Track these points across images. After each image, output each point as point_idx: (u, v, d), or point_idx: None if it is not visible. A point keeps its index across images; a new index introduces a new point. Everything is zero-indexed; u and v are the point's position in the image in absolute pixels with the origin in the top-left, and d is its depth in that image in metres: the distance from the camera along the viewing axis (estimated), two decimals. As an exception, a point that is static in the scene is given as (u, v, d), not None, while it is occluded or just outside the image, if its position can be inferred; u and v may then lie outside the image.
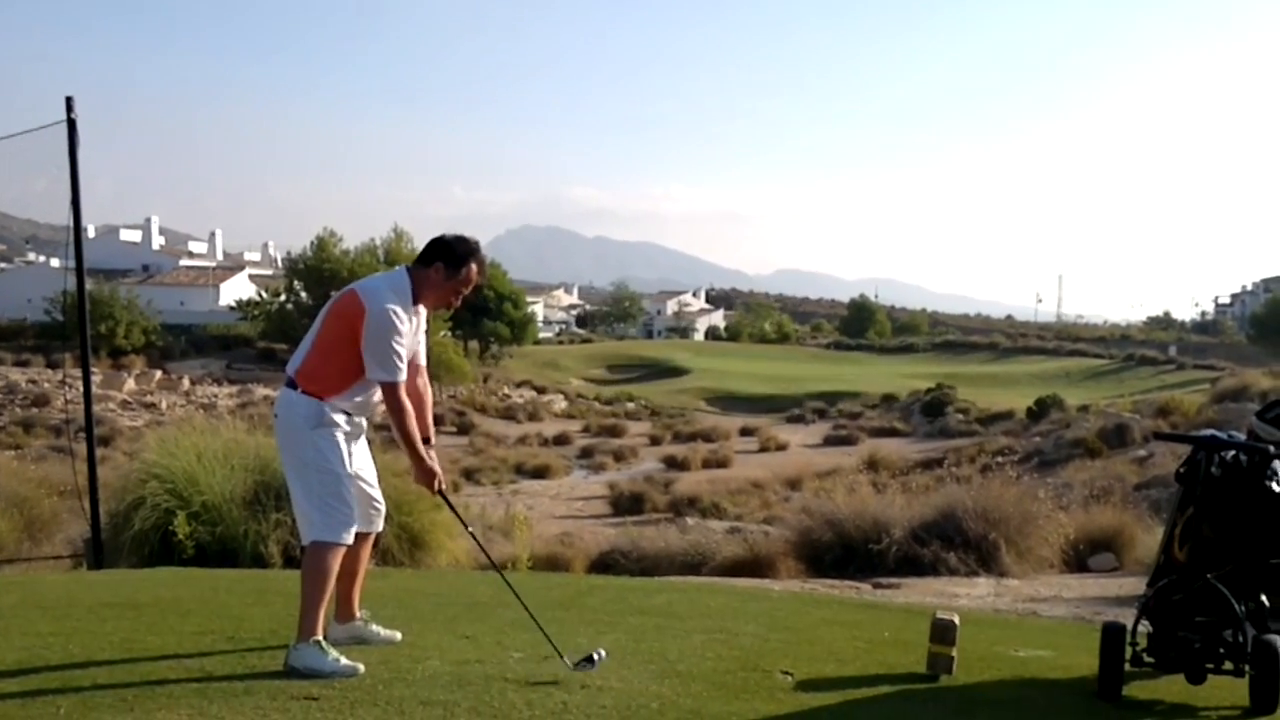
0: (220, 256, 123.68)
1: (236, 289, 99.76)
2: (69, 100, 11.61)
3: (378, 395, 5.71)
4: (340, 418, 5.69)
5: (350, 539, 5.68)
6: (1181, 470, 5.61)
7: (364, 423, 5.89)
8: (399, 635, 6.13)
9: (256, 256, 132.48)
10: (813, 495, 17.85)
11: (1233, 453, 5.47)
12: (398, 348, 5.58)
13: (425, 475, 5.83)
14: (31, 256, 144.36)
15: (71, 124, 11.58)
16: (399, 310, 5.59)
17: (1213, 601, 5.33)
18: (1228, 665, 5.33)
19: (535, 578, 10.56)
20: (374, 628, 6.06)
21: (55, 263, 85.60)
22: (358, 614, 6.06)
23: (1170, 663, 5.42)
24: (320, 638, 5.53)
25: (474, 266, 5.81)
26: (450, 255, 5.79)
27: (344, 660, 5.48)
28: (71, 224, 11.72)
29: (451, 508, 6.39)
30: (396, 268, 5.89)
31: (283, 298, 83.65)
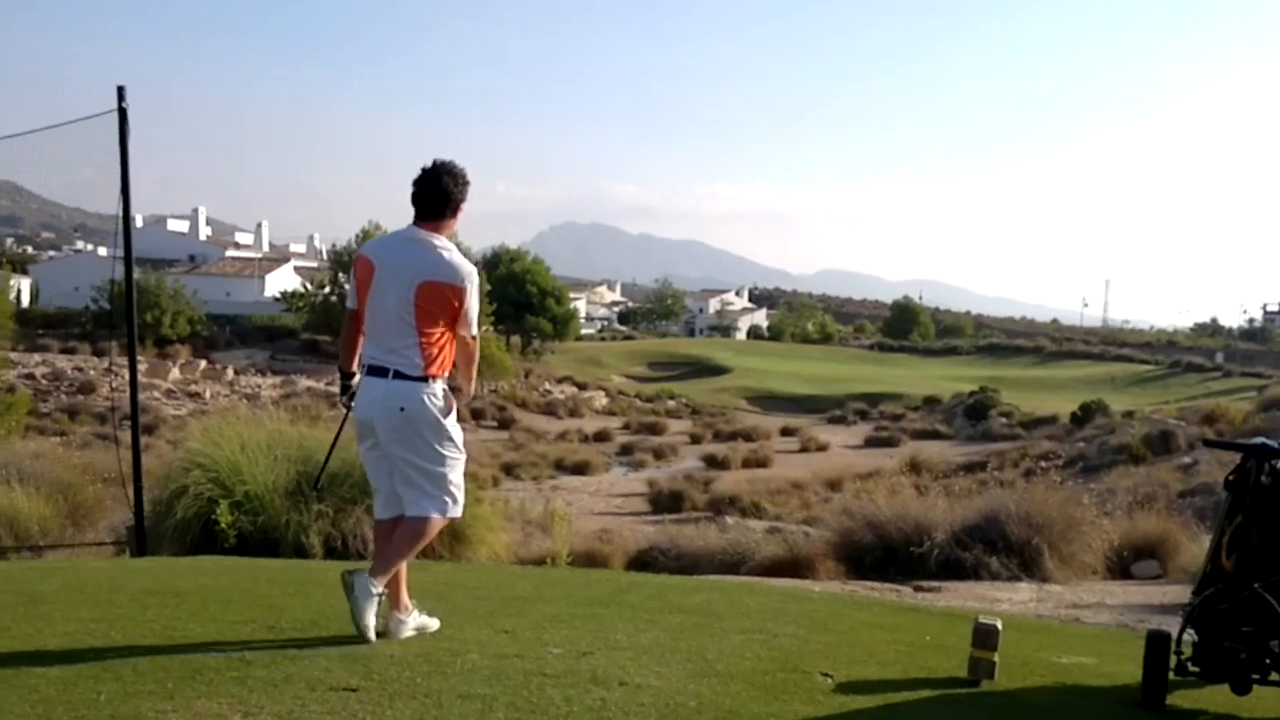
0: (266, 248, 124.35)
1: (281, 280, 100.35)
2: (120, 89, 11.68)
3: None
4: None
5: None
6: (1231, 478, 5.55)
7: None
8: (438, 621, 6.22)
9: (302, 248, 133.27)
10: (853, 496, 17.80)
11: (1284, 462, 5.41)
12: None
13: None
14: (80, 245, 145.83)
15: (123, 113, 11.65)
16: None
17: (1260, 611, 5.26)
18: (1274, 676, 5.26)
19: (574, 573, 10.57)
20: (423, 616, 6.14)
21: (103, 251, 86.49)
22: (411, 604, 6.11)
23: (1215, 672, 5.36)
24: (384, 592, 5.80)
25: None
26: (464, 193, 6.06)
27: (374, 632, 5.74)
28: (120, 213, 11.79)
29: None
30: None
31: (327, 289, 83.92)
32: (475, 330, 5.98)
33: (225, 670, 5.18)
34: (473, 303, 5.91)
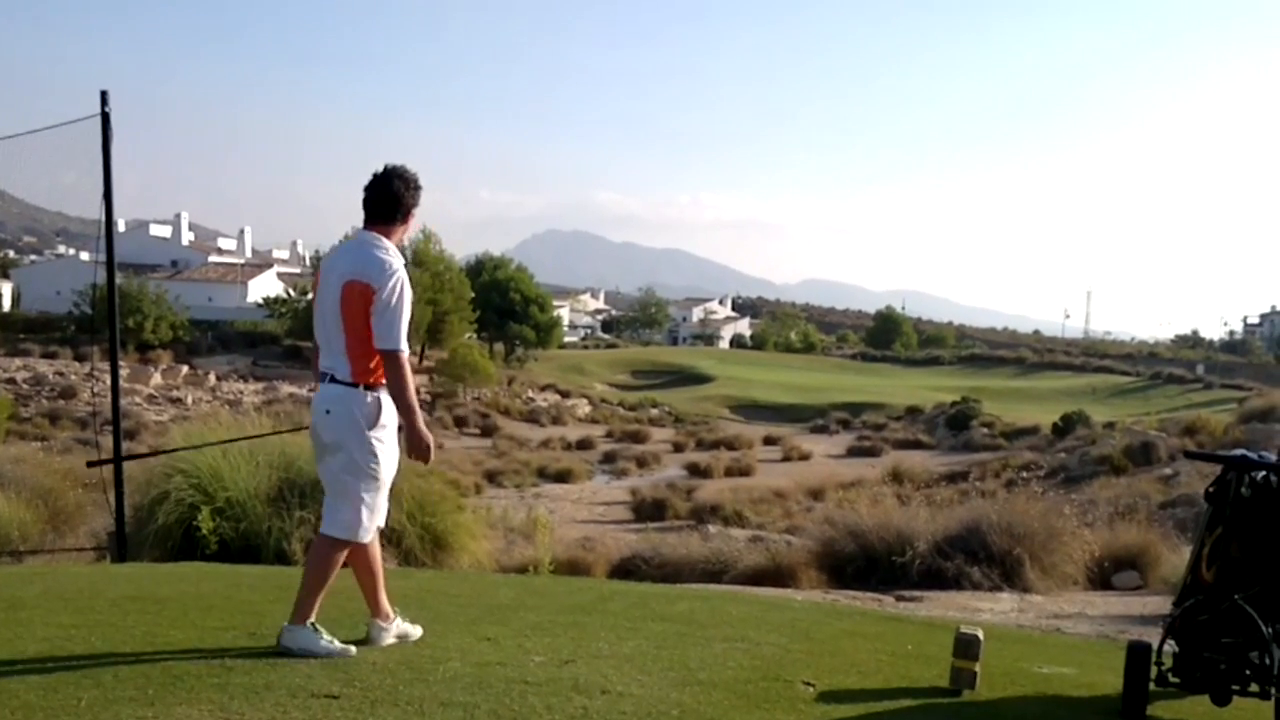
0: (249, 253, 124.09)
1: (264, 286, 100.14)
2: (104, 94, 11.64)
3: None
4: None
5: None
6: (1211, 490, 5.57)
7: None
8: (420, 629, 6.18)
9: (285, 254, 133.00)
10: (836, 506, 17.81)
11: (1263, 473, 5.43)
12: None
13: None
14: (62, 249, 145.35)
15: (105, 117, 11.62)
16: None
17: (1240, 623, 5.28)
18: (1253, 687, 5.28)
19: (557, 581, 10.56)
20: (405, 624, 6.13)
21: (85, 256, 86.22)
22: (392, 611, 6.09)
23: (1195, 683, 5.38)
24: (314, 621, 5.71)
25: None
26: (415, 198, 5.92)
27: (337, 643, 5.69)
28: (103, 218, 11.75)
29: None
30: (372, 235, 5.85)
31: (310, 296, 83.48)
32: (398, 344, 5.62)
33: (206, 677, 5.17)
34: (388, 307, 5.59)
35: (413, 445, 5.73)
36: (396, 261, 5.69)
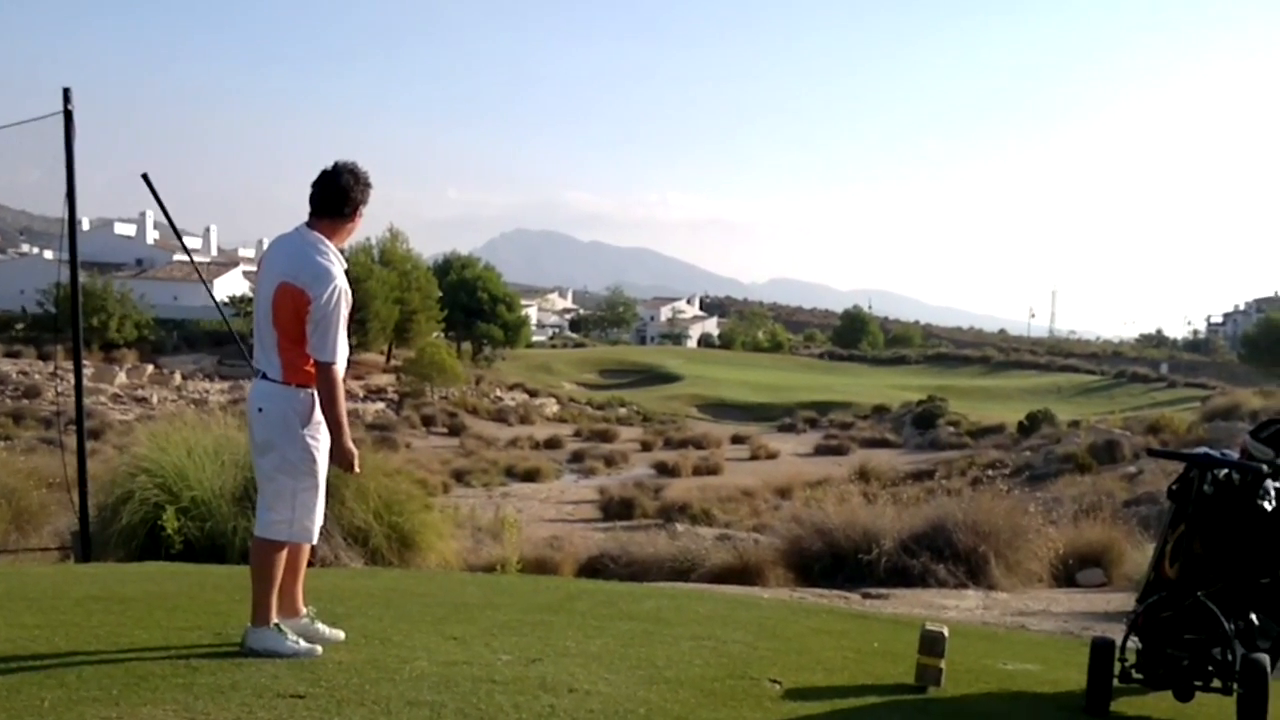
0: (215, 252, 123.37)
1: (230, 285, 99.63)
2: (66, 91, 11.55)
3: None
4: None
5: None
6: (1174, 487, 5.61)
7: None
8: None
9: (251, 253, 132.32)
10: (803, 504, 17.85)
11: (1226, 471, 5.47)
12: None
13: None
14: (25, 248, 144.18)
15: (68, 115, 11.53)
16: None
17: (1202, 619, 5.32)
18: (1216, 683, 5.32)
19: (524, 580, 10.55)
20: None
21: (49, 254, 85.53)
22: (303, 610, 6.01)
23: (1158, 679, 5.41)
24: (278, 621, 5.68)
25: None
26: (364, 195, 5.80)
27: (303, 643, 5.65)
28: (66, 216, 11.66)
29: None
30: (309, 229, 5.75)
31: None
32: (332, 357, 5.54)
33: (171, 677, 5.14)
34: (324, 317, 5.49)
35: (336, 456, 5.70)
36: (336, 268, 5.58)
